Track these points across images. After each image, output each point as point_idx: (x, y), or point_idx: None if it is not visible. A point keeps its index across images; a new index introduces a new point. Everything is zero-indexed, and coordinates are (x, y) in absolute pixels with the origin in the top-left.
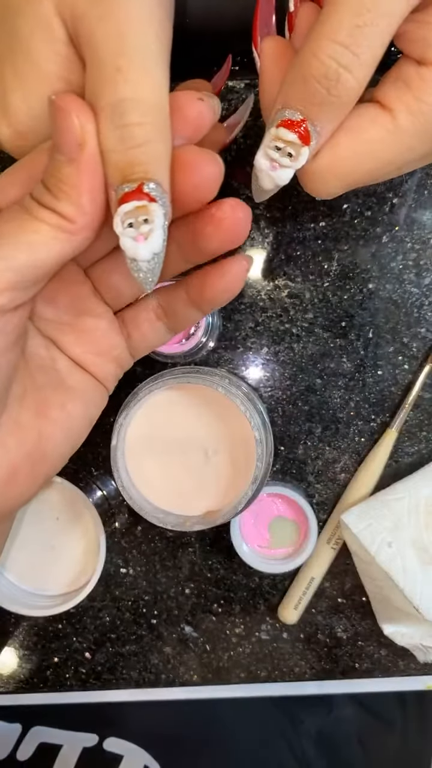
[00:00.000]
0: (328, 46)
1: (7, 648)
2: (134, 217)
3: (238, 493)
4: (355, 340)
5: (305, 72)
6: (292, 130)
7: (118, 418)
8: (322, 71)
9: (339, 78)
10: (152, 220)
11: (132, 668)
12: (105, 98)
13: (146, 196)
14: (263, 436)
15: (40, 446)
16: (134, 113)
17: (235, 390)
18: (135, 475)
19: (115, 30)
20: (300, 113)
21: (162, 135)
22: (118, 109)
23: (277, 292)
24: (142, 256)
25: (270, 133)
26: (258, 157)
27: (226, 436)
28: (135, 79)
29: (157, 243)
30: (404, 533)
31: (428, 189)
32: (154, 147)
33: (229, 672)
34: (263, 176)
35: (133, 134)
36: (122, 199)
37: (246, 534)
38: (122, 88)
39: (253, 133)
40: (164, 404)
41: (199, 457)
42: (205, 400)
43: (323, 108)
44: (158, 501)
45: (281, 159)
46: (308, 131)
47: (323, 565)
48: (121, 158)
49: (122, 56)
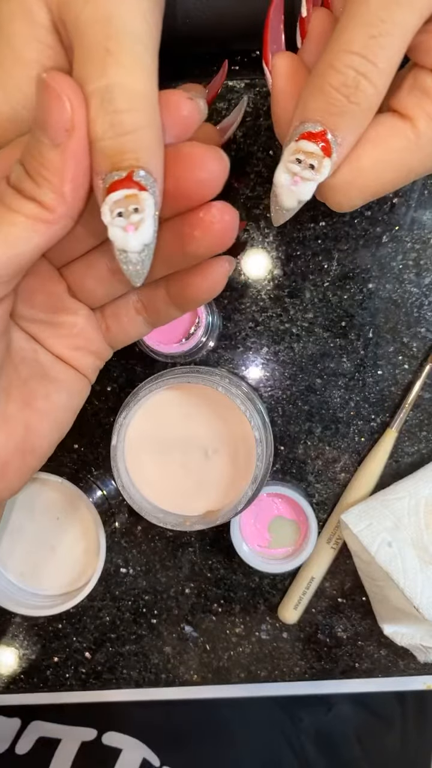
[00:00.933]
0: (345, 56)
1: (7, 648)
2: (124, 206)
3: (238, 492)
4: (355, 339)
5: (323, 83)
6: (313, 141)
7: (118, 418)
8: (340, 80)
9: (358, 85)
10: (143, 209)
11: (132, 668)
12: (94, 82)
13: (136, 185)
14: (263, 435)
15: (28, 439)
16: (125, 99)
17: (235, 390)
18: (135, 474)
19: (102, 12)
20: (320, 125)
21: (153, 122)
22: (107, 94)
23: (277, 292)
24: (132, 246)
25: (289, 147)
26: (278, 173)
27: (226, 435)
28: (125, 63)
29: (148, 233)
30: (404, 533)
31: (429, 189)
32: (144, 134)
33: (229, 672)
34: (284, 193)
35: (123, 121)
36: (111, 188)
37: (246, 534)
38: (112, 72)
39: (253, 133)
40: (164, 404)
41: (199, 457)
42: (205, 399)
43: (344, 117)
44: (158, 501)
45: (303, 172)
46: (329, 142)
47: (323, 565)
48: (111, 145)
49: (111, 39)
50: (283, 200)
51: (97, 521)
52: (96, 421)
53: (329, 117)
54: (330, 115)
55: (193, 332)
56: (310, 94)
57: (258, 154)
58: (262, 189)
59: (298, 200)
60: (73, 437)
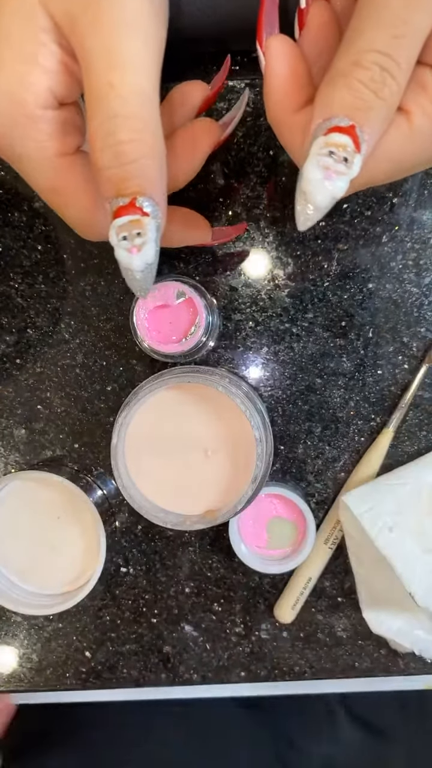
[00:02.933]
0: (370, 54)
1: (7, 648)
2: (128, 231)
3: (238, 492)
4: (355, 339)
5: (350, 79)
6: (345, 134)
7: (119, 418)
8: (368, 75)
9: (385, 81)
10: (145, 233)
11: (132, 667)
12: (99, 116)
13: (139, 211)
14: (263, 435)
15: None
16: (126, 131)
17: (235, 389)
18: (135, 474)
19: (105, 42)
20: (348, 119)
21: (154, 150)
22: (111, 127)
23: (277, 292)
24: (135, 266)
25: (318, 141)
26: (308, 168)
27: (226, 435)
28: (127, 95)
29: (150, 254)
30: (406, 518)
31: (429, 189)
32: (145, 163)
33: (229, 671)
34: (316, 189)
35: (126, 151)
36: (116, 213)
37: (244, 534)
38: (115, 105)
39: (253, 133)
40: (164, 403)
41: (199, 456)
42: (205, 399)
43: (371, 113)
44: (158, 500)
45: (337, 165)
46: (358, 137)
47: (320, 565)
48: (115, 174)
49: (114, 70)
50: (315, 198)
51: (97, 521)
52: (96, 421)
53: (357, 112)
54: (358, 110)
55: (193, 332)
56: (335, 90)
57: (258, 154)
58: (262, 189)
59: (332, 197)
60: (74, 437)
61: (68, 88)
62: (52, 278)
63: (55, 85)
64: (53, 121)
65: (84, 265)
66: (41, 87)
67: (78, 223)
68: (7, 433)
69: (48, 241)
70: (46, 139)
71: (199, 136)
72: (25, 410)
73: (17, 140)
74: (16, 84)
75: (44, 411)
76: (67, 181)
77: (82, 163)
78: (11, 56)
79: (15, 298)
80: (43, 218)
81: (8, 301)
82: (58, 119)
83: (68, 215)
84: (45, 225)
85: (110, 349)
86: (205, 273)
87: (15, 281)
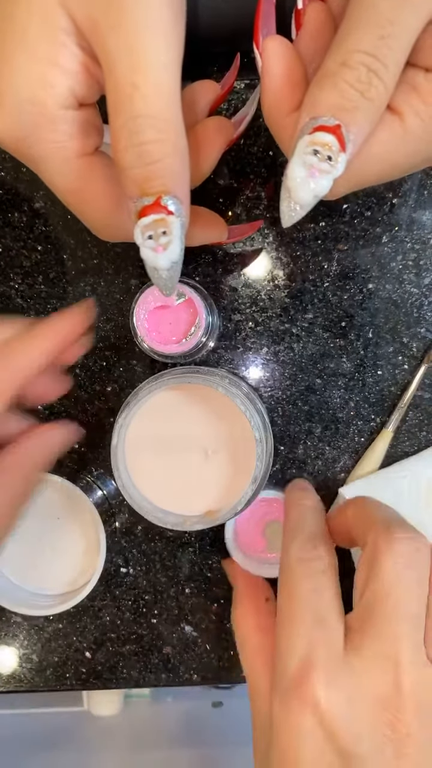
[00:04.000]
0: (357, 55)
1: (7, 648)
2: (153, 230)
3: (238, 492)
4: (355, 340)
5: (336, 79)
6: (330, 133)
7: (119, 418)
8: (355, 75)
9: (371, 81)
10: (170, 232)
11: (132, 668)
12: (122, 116)
13: (164, 209)
14: (263, 435)
15: None
16: (150, 131)
17: (235, 390)
18: (135, 474)
19: (126, 42)
20: (334, 119)
21: (177, 148)
22: (134, 127)
23: (277, 292)
24: (161, 265)
25: (303, 140)
26: (292, 166)
27: (226, 435)
28: (150, 95)
29: (175, 253)
30: (403, 510)
31: (428, 189)
32: (169, 162)
33: (229, 672)
34: (300, 187)
35: (150, 151)
36: (141, 213)
37: (242, 539)
38: (139, 106)
39: (253, 133)
40: (164, 404)
41: (199, 457)
42: (205, 399)
43: (357, 113)
44: (158, 500)
45: (321, 164)
46: (344, 137)
47: None
48: (139, 173)
49: (137, 72)
50: (298, 195)
51: (97, 521)
52: (96, 421)
53: (343, 112)
54: (344, 110)
55: (193, 332)
56: (321, 89)
57: (258, 154)
58: (262, 189)
59: (315, 195)
60: None
61: (89, 88)
62: (52, 279)
63: (76, 86)
64: (73, 122)
65: (84, 265)
66: (62, 88)
67: (97, 224)
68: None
69: (48, 242)
70: (66, 140)
71: (212, 134)
72: (25, 410)
73: (37, 141)
74: (35, 85)
75: (44, 411)
76: (87, 181)
77: (102, 163)
78: (29, 57)
79: (15, 298)
80: (43, 219)
81: (8, 302)
82: (79, 120)
83: (88, 216)
84: (45, 225)
85: (110, 350)
86: (205, 273)
87: (15, 282)
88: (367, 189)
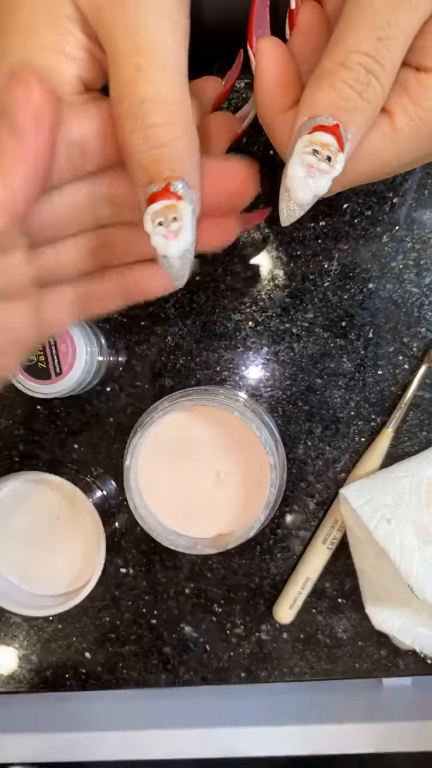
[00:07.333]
0: (355, 55)
1: (7, 648)
2: (163, 216)
3: (249, 516)
4: (355, 339)
5: (334, 79)
6: (329, 133)
7: (132, 439)
8: (353, 76)
9: (369, 82)
10: (181, 217)
11: (132, 668)
12: (128, 100)
13: (174, 195)
14: (277, 461)
15: None
16: (156, 114)
17: (250, 414)
18: (147, 496)
19: (131, 24)
20: (333, 119)
21: (186, 132)
22: (140, 111)
23: (277, 292)
24: (172, 252)
25: (302, 139)
26: (291, 166)
27: (239, 459)
28: (155, 78)
29: (187, 240)
30: (405, 511)
31: (428, 188)
32: (178, 145)
33: (229, 672)
34: (299, 186)
35: (157, 134)
36: (151, 199)
37: None
38: (143, 89)
39: (253, 133)
40: (178, 425)
41: (211, 479)
42: (219, 421)
43: (355, 114)
44: (169, 521)
45: (320, 164)
46: (342, 136)
47: (319, 565)
48: (147, 158)
49: (141, 54)
50: (298, 195)
51: (97, 521)
52: (96, 422)
53: (342, 112)
54: (343, 110)
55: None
56: (319, 89)
57: (258, 154)
58: (262, 189)
59: (314, 195)
60: (73, 437)
61: (95, 75)
62: None
63: (83, 72)
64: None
65: None
66: (70, 75)
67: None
68: (7, 433)
69: None
70: None
71: (217, 130)
72: (25, 410)
73: None
74: (43, 75)
75: (44, 411)
76: None
77: None
78: (35, 46)
79: None
80: None
81: None
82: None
83: None
84: None
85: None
86: (205, 273)
87: None
88: (367, 188)
